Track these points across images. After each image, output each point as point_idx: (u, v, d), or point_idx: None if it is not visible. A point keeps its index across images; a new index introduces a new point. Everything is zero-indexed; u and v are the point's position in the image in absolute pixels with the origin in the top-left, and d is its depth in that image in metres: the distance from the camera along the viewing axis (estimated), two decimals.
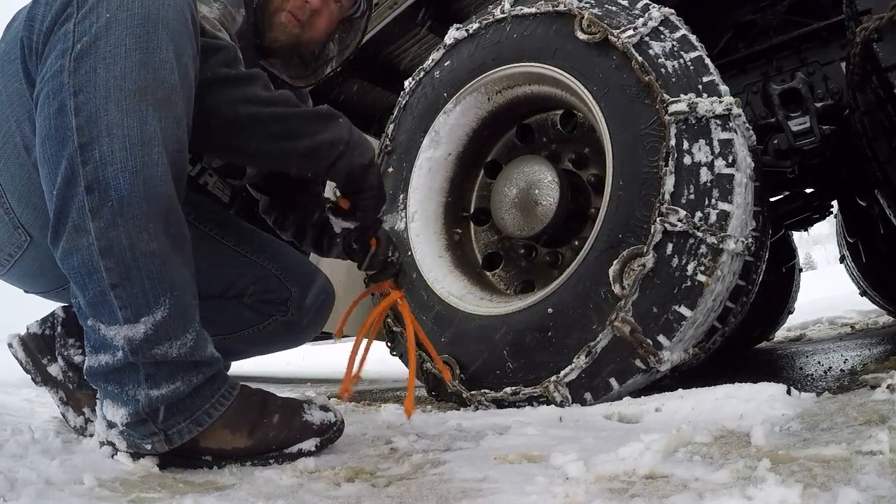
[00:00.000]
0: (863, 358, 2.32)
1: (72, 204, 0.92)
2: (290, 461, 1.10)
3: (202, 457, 1.07)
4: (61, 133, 0.90)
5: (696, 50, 1.57)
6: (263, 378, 5.07)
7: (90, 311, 0.96)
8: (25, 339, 1.42)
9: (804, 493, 0.67)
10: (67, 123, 0.89)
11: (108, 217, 0.91)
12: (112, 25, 0.89)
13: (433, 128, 2.04)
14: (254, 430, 1.08)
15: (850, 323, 4.43)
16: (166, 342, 0.97)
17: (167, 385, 0.98)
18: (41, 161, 0.94)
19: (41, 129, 0.92)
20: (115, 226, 0.91)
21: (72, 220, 0.92)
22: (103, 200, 0.90)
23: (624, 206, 1.53)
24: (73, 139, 0.89)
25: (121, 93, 0.90)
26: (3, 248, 1.18)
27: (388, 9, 2.49)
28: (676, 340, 1.44)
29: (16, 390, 2.86)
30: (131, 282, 0.93)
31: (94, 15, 0.90)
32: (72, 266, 0.94)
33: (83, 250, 0.92)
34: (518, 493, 0.79)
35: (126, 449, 1.04)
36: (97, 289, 0.94)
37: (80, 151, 0.89)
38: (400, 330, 1.93)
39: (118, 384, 0.99)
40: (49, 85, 0.91)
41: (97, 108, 0.89)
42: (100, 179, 0.90)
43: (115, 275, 0.92)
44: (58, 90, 0.90)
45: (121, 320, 0.94)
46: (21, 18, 1.02)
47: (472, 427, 1.33)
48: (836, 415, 1.05)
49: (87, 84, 0.89)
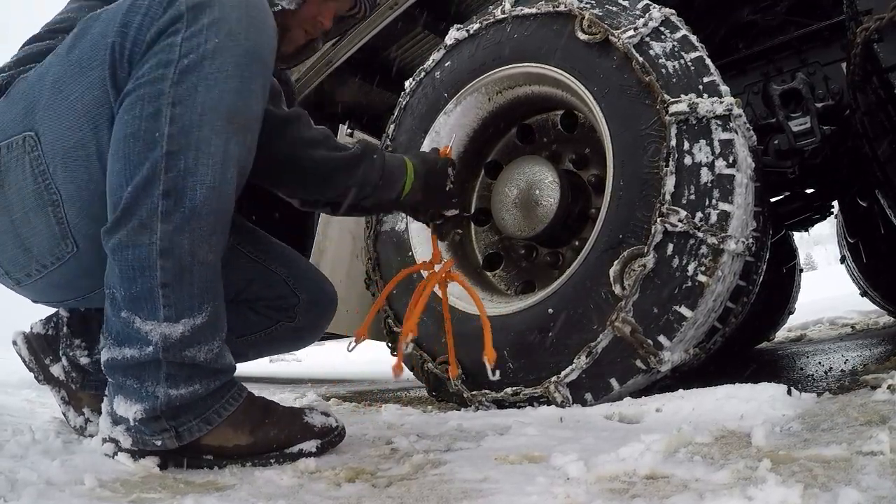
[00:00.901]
0: (863, 358, 2.32)
1: (144, 203, 0.95)
2: (291, 461, 1.11)
3: (203, 455, 1.08)
4: (151, 136, 0.94)
5: (697, 50, 1.57)
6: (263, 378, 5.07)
7: (129, 304, 0.99)
8: (30, 337, 1.43)
9: (805, 493, 0.67)
10: (160, 129, 0.94)
11: (177, 222, 0.96)
12: (219, 50, 0.95)
13: (434, 128, 2.04)
14: (255, 429, 1.10)
15: (850, 323, 4.43)
16: (197, 346, 1.01)
17: (186, 386, 1.02)
18: (118, 155, 0.97)
19: (127, 127, 0.95)
20: (182, 231, 0.96)
21: (139, 218, 0.95)
22: (177, 207, 0.95)
23: (624, 207, 1.53)
24: (162, 145, 0.94)
25: (214, 114, 0.96)
26: (39, 258, 1.12)
27: (389, 9, 2.49)
28: (677, 341, 1.44)
29: (16, 391, 2.86)
30: (182, 285, 0.98)
31: (203, 36, 0.95)
32: (124, 258, 0.97)
33: (143, 247, 0.96)
34: (519, 494, 0.79)
35: (130, 446, 1.05)
36: (147, 284, 0.97)
37: (165, 158, 0.94)
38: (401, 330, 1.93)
39: (137, 379, 1.01)
40: (146, 89, 0.94)
41: (191, 123, 0.95)
42: (178, 188, 0.95)
43: (169, 275, 0.97)
44: (156, 96, 0.94)
45: (161, 317, 0.98)
46: (104, 23, 1.01)
47: (473, 427, 1.33)
48: (837, 415, 1.05)
49: (187, 98, 0.94)
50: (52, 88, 1.03)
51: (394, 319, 1.96)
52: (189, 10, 0.94)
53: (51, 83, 1.03)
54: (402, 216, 2.04)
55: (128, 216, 0.96)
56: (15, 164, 1.05)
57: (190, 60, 0.94)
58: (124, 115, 0.96)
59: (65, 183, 1.04)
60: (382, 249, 2.08)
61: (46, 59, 1.09)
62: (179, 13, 0.94)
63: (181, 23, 0.95)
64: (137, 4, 0.98)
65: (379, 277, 2.06)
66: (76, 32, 1.05)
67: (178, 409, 1.03)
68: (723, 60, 1.97)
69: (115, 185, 0.97)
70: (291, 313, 1.56)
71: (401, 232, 2.05)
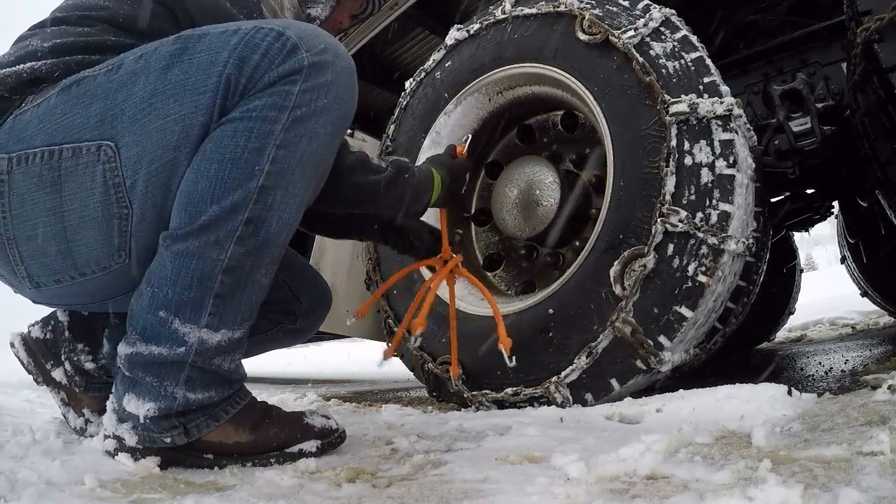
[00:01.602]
0: (864, 359, 2.32)
1: (225, 225, 1.01)
2: (291, 461, 1.11)
3: (204, 454, 1.09)
4: (250, 168, 1.00)
5: (697, 50, 1.57)
6: (264, 378, 5.07)
7: (173, 305, 1.02)
8: (28, 340, 1.42)
9: (805, 493, 0.67)
10: (260, 165, 1.00)
11: (249, 247, 1.03)
12: (326, 110, 1.05)
13: (434, 128, 2.04)
14: (256, 427, 1.12)
15: (850, 324, 4.43)
16: (225, 356, 1.07)
17: (203, 392, 1.06)
18: (208, 174, 1.00)
19: (226, 151, 1.00)
20: (250, 256, 1.03)
21: (216, 235, 1.01)
22: (253, 234, 1.02)
23: (625, 207, 1.53)
24: (259, 179, 1.01)
25: (308, 163, 1.06)
26: (81, 266, 1.09)
27: (389, 9, 2.49)
28: (677, 341, 1.44)
29: (16, 391, 2.86)
30: (233, 301, 1.05)
31: (316, 94, 1.03)
32: (186, 266, 1.01)
33: (209, 260, 1.01)
34: (519, 494, 0.79)
35: (136, 444, 1.06)
36: (201, 293, 1.02)
37: (258, 191, 1.01)
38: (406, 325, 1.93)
39: (157, 377, 1.03)
40: (256, 124, 1.00)
41: (288, 167, 1.03)
42: (259, 218, 1.02)
43: (226, 289, 1.03)
44: (265, 134, 1.01)
45: (202, 324, 1.02)
46: (212, 51, 1.02)
47: (473, 428, 1.33)
48: (837, 415, 1.05)
49: (291, 145, 1.02)
50: (143, 103, 1.02)
51: (394, 320, 1.96)
52: (309, 67, 1.02)
53: (141, 98, 1.02)
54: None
55: (205, 231, 1.00)
56: (81, 170, 1.03)
57: (302, 112, 1.02)
58: (226, 141, 1.00)
59: (141, 198, 1.04)
60: (383, 250, 2.08)
61: (125, 65, 1.05)
62: (301, 66, 1.01)
63: (300, 75, 1.01)
64: (254, 42, 1.01)
65: (379, 278, 2.06)
66: (172, 51, 1.03)
67: (189, 410, 1.06)
68: (723, 60, 1.97)
69: (198, 199, 1.01)
70: (293, 317, 1.59)
71: None
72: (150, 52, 1.05)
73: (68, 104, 1.04)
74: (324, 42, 1.04)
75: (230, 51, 1.00)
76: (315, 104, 1.03)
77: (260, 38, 1.01)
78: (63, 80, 1.08)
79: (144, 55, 1.05)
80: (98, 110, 1.03)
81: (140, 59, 1.05)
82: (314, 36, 1.04)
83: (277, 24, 1.03)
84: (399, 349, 2.00)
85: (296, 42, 1.01)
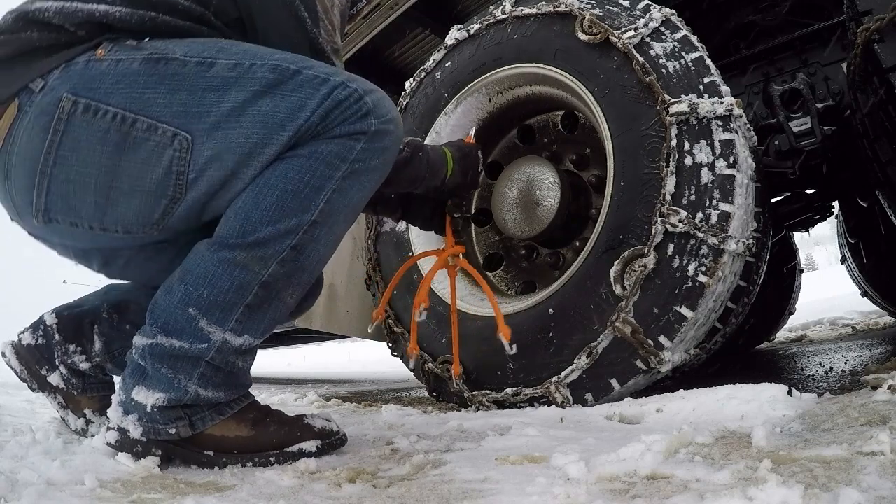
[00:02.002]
0: (864, 359, 2.32)
1: (274, 245, 1.10)
2: (291, 460, 1.11)
3: (204, 450, 1.12)
4: (308, 202, 1.11)
5: (697, 50, 1.57)
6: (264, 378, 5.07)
7: (205, 306, 1.09)
8: (18, 348, 1.42)
9: (805, 493, 0.67)
10: (316, 202, 1.11)
11: (288, 269, 1.12)
12: (376, 169, 1.18)
13: (434, 128, 2.04)
14: (257, 424, 1.15)
15: (851, 324, 4.43)
16: (241, 358, 1.15)
17: (213, 391, 1.12)
18: (269, 198, 1.10)
19: (291, 183, 1.10)
20: (287, 278, 1.13)
21: (263, 252, 1.10)
22: (294, 259, 1.12)
23: (625, 207, 1.53)
24: (312, 214, 1.11)
25: (352, 209, 1.19)
26: (108, 222, 1.13)
27: (389, 9, 2.49)
28: (678, 341, 1.44)
29: (17, 391, 2.86)
30: (261, 312, 1.14)
31: (373, 153, 1.15)
32: (229, 273, 1.09)
33: (252, 273, 1.10)
34: (519, 494, 0.79)
35: (140, 436, 1.09)
36: (235, 300, 1.10)
37: (310, 225, 1.11)
38: (402, 331, 1.93)
39: (172, 370, 1.09)
40: (320, 165, 1.12)
41: (337, 210, 1.15)
42: (305, 248, 1.13)
43: (258, 300, 1.12)
44: (327, 178, 1.12)
45: (228, 327, 1.10)
46: (302, 95, 1.11)
47: (473, 428, 1.33)
48: (838, 415, 1.05)
49: (344, 191, 1.14)
50: (230, 116, 1.09)
51: (394, 320, 1.96)
52: (374, 133, 1.14)
53: (229, 110, 1.09)
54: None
55: (255, 247, 1.10)
56: (151, 147, 1.08)
57: (359, 166, 1.14)
58: (291, 174, 1.10)
59: (194, 191, 1.11)
60: (383, 250, 2.08)
61: (217, 67, 1.10)
62: (368, 130, 1.14)
63: (365, 136, 1.14)
64: (338, 99, 1.12)
65: (379, 277, 2.07)
66: (268, 80, 1.10)
67: (197, 405, 1.11)
68: (723, 61, 1.97)
69: (256, 219, 1.10)
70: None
71: (401, 232, 2.05)
72: (246, 68, 1.11)
73: (153, 80, 1.09)
74: (390, 113, 1.17)
75: (318, 101, 1.11)
76: (370, 163, 1.16)
77: (344, 97, 1.12)
78: (146, 47, 1.11)
79: (239, 67, 1.11)
80: (183, 100, 1.09)
81: (234, 69, 1.11)
82: (384, 106, 1.16)
83: (360, 85, 1.14)
84: (397, 350, 2.00)
85: (370, 108, 1.14)
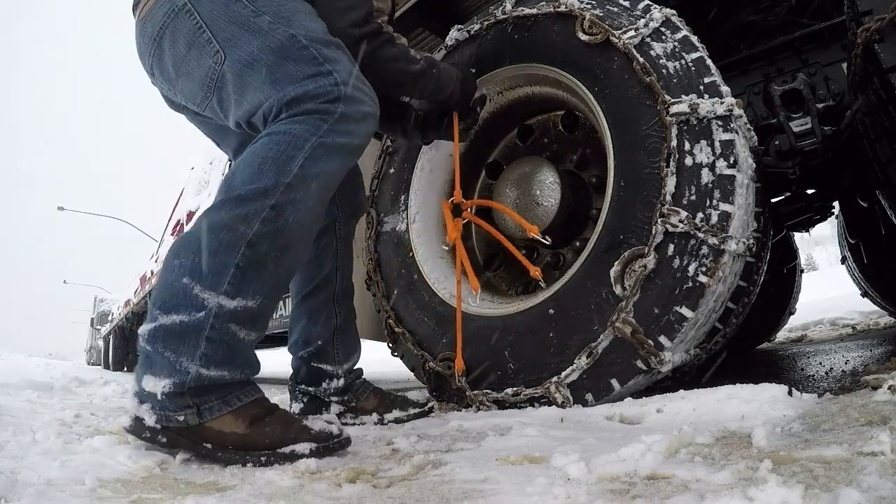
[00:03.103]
0: (864, 359, 2.32)
1: (253, 204, 1.20)
2: (281, 462, 1.11)
3: (204, 442, 1.15)
4: (285, 167, 1.23)
5: (698, 51, 1.57)
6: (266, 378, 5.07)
7: (197, 273, 1.17)
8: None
9: (806, 494, 0.67)
10: (292, 167, 1.23)
11: (270, 229, 1.20)
12: (341, 146, 1.30)
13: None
14: (254, 422, 1.16)
15: (851, 324, 4.43)
16: (240, 325, 1.19)
17: (216, 370, 1.16)
18: (253, 164, 1.23)
19: (270, 151, 1.24)
20: (270, 239, 1.20)
21: (245, 211, 1.19)
22: (275, 220, 1.20)
23: (625, 207, 1.53)
24: (288, 177, 1.22)
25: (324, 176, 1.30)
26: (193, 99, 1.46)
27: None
28: (678, 341, 1.44)
29: (18, 391, 2.86)
30: (250, 273, 1.19)
31: (337, 133, 1.28)
32: (218, 237, 1.18)
33: (237, 233, 1.18)
34: (519, 494, 0.79)
35: (154, 423, 1.14)
36: (224, 260, 1.17)
37: (286, 187, 1.22)
38: (402, 331, 1.93)
39: (175, 352, 1.14)
40: (293, 137, 1.25)
41: (310, 175, 1.26)
42: (284, 208, 1.22)
43: (246, 261, 1.18)
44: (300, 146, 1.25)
45: (221, 290, 1.16)
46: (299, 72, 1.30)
47: (474, 428, 1.33)
48: (838, 416, 1.05)
49: (315, 159, 1.26)
50: (248, 56, 1.33)
51: (395, 320, 1.96)
52: (340, 115, 1.29)
53: (249, 52, 1.33)
54: (403, 216, 2.04)
55: (238, 204, 1.20)
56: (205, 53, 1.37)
57: (328, 140, 1.27)
58: (272, 142, 1.26)
59: (217, 95, 1.39)
60: (383, 250, 2.08)
61: (262, 19, 1.35)
62: (335, 111, 1.28)
63: (333, 117, 1.28)
64: (318, 80, 1.29)
65: (380, 277, 2.07)
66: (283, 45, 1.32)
67: (203, 389, 1.15)
68: (724, 61, 1.97)
69: (238, 181, 1.23)
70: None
71: (401, 232, 2.05)
72: (275, 27, 1.34)
73: (224, 9, 1.36)
74: (360, 101, 1.32)
75: (304, 77, 1.29)
76: (336, 139, 1.28)
77: (323, 81, 1.29)
78: None
79: (272, 24, 1.34)
80: (232, 31, 1.35)
81: (269, 25, 1.35)
82: (355, 96, 1.31)
83: (340, 75, 1.30)
84: (397, 350, 2.00)
85: (340, 94, 1.28)
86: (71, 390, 3.32)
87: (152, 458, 1.15)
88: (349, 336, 1.77)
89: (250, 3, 1.38)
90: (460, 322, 1.70)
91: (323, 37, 1.37)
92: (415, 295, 1.94)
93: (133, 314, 8.44)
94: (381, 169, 2.18)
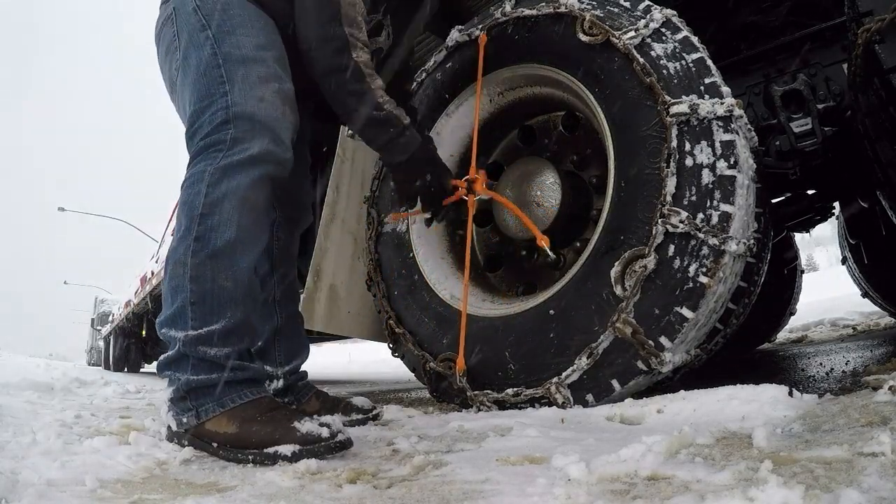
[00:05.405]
0: (865, 359, 2.32)
1: (181, 248, 1.33)
2: (268, 462, 1.12)
3: (203, 440, 1.25)
4: (193, 206, 1.34)
5: (698, 51, 1.57)
6: None
7: (169, 321, 1.32)
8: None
9: (806, 494, 0.67)
10: (199, 201, 1.34)
11: (203, 256, 1.31)
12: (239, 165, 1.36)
13: (435, 129, 2.04)
14: (244, 423, 1.22)
15: (851, 324, 4.43)
16: (209, 346, 1.29)
17: (205, 374, 1.28)
18: (179, 218, 1.37)
19: (184, 198, 1.37)
20: (207, 263, 1.31)
21: (178, 255, 1.33)
22: (202, 249, 1.32)
23: (626, 208, 1.53)
24: (199, 208, 1.33)
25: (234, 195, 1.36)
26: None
27: None
28: (678, 342, 1.44)
29: (18, 392, 2.86)
30: (205, 303, 1.31)
31: (230, 155, 1.36)
32: (170, 286, 1.34)
33: (178, 276, 1.32)
34: (519, 495, 0.79)
35: (176, 427, 1.29)
36: (181, 303, 1.31)
37: (200, 216, 1.33)
38: (403, 331, 1.93)
39: (175, 371, 1.31)
40: (198, 163, 1.38)
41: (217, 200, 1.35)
42: (203, 236, 1.32)
43: (196, 295, 1.31)
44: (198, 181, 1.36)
45: (189, 328, 1.29)
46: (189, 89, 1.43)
47: (474, 428, 1.33)
48: (838, 416, 1.05)
49: (216, 185, 1.35)
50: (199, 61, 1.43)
51: (395, 321, 1.96)
52: (231, 140, 1.36)
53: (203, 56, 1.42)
54: (402, 219, 2.04)
55: (173, 253, 1.34)
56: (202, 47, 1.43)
57: (224, 163, 1.34)
58: (183, 191, 1.38)
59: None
60: (383, 250, 2.08)
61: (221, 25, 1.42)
62: (225, 139, 1.36)
63: (225, 144, 1.35)
64: (217, 102, 1.37)
65: (381, 278, 2.06)
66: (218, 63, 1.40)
67: (197, 392, 1.28)
68: (724, 61, 1.97)
69: (174, 244, 1.37)
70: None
71: (402, 233, 2.05)
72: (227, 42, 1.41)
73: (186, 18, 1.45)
74: (253, 112, 1.37)
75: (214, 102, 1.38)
76: (232, 159, 1.35)
77: (219, 106, 1.37)
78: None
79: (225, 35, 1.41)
80: (185, 45, 1.44)
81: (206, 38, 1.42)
82: (254, 106, 1.37)
83: (239, 107, 1.36)
84: (398, 350, 2.00)
85: (231, 117, 1.36)
86: (71, 391, 3.32)
87: (152, 458, 1.15)
88: (293, 339, 1.79)
89: (204, 15, 1.43)
90: (465, 321, 1.70)
91: (240, 53, 1.40)
92: (415, 295, 1.94)
93: (133, 315, 8.43)
94: (381, 169, 2.18)
